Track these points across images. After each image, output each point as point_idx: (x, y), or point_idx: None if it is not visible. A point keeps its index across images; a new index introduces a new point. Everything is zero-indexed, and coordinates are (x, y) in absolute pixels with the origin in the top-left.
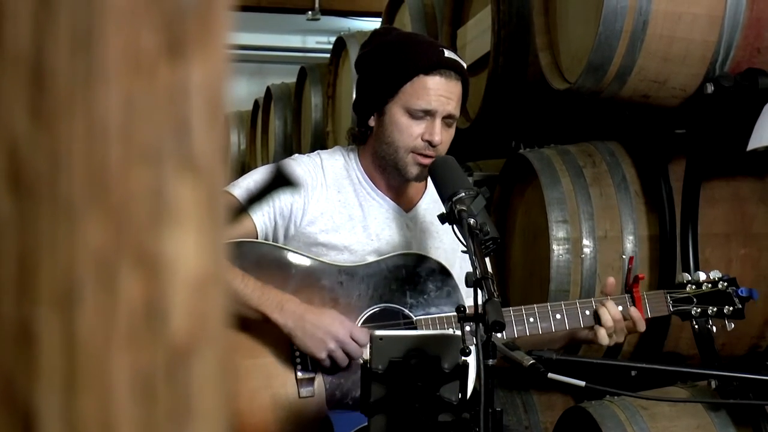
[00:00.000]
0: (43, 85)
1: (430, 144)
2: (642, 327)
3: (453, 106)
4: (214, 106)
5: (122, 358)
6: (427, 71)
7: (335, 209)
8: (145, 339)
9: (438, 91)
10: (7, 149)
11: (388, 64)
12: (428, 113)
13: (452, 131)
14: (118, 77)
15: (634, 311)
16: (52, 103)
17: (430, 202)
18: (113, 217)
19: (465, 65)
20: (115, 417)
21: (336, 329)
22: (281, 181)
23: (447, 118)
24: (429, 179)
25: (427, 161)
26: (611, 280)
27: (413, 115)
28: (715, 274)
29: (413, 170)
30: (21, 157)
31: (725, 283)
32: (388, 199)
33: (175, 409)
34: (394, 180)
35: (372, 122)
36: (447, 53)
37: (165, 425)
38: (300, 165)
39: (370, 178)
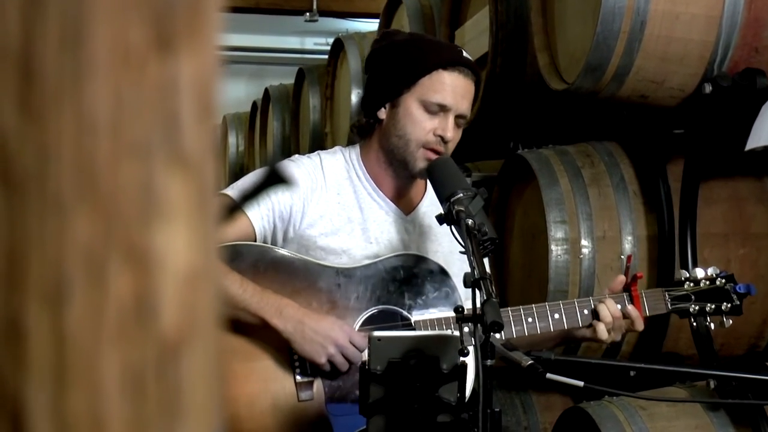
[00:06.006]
0: (32, 79)
1: (442, 139)
2: (640, 326)
3: (466, 106)
4: (205, 101)
5: (112, 354)
6: (446, 66)
7: (334, 211)
8: (135, 334)
9: (455, 88)
10: None
11: (407, 56)
12: (443, 108)
13: (460, 132)
14: (107, 72)
15: (632, 309)
16: (40, 98)
17: (429, 205)
18: (102, 212)
19: (478, 68)
20: (105, 413)
21: (335, 334)
22: (275, 179)
23: (459, 118)
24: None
25: (435, 156)
26: (621, 278)
27: (428, 108)
28: (713, 271)
29: (421, 165)
30: (9, 152)
31: (723, 280)
32: (388, 201)
33: (165, 405)
34: (398, 176)
35: (382, 114)
36: (465, 54)
37: (155, 421)
38: (300, 166)
39: (372, 178)
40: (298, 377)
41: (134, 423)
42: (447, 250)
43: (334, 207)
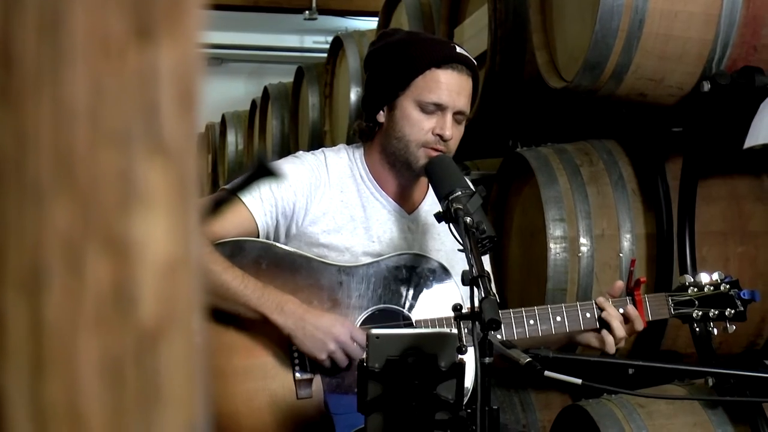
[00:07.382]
0: (10, 67)
1: (441, 138)
2: (640, 326)
3: (464, 102)
4: (185, 90)
5: (90, 342)
6: (439, 65)
7: (337, 209)
8: (114, 323)
9: (450, 85)
10: None
11: (400, 58)
12: (439, 107)
13: (462, 128)
14: (86, 60)
15: (631, 309)
16: (19, 86)
17: (432, 204)
18: (80, 200)
19: (476, 63)
20: (83, 401)
21: (337, 330)
22: (263, 171)
23: (457, 115)
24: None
25: (437, 154)
26: (619, 283)
27: (424, 109)
28: (717, 276)
29: (423, 162)
30: None
31: (728, 286)
32: (391, 200)
33: (143, 394)
34: (402, 176)
35: (381, 117)
36: (458, 49)
37: (133, 409)
38: (304, 163)
39: (375, 177)
40: (297, 374)
41: (112, 411)
42: (449, 248)
43: (337, 205)
